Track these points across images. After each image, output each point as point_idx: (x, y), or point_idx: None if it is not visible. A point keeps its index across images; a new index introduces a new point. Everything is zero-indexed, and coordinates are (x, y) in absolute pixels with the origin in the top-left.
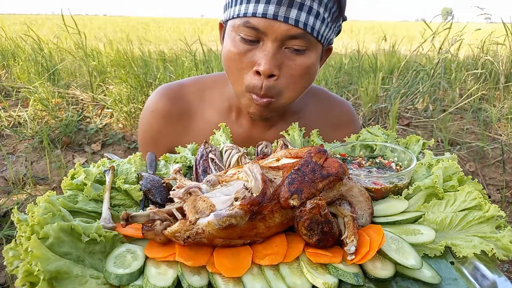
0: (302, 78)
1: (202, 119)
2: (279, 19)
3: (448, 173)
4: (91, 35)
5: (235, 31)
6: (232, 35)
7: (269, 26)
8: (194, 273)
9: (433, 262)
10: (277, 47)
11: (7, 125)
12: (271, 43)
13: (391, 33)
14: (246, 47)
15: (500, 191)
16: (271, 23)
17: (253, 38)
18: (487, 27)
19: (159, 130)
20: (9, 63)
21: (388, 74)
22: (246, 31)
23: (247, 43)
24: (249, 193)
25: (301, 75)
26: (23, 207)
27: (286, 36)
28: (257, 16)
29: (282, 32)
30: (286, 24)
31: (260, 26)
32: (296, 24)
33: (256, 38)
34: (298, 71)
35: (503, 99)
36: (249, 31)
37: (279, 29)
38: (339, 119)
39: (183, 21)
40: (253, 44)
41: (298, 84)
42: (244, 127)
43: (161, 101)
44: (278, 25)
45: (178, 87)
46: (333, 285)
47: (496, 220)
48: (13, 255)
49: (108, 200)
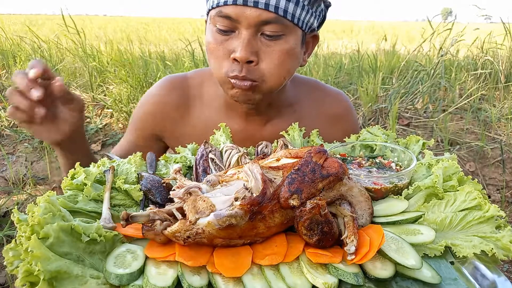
0: (284, 63)
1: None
2: (249, 4)
3: (448, 173)
4: (91, 35)
5: (212, 23)
6: (210, 27)
7: (240, 13)
8: (194, 273)
9: (433, 262)
10: (251, 34)
11: (7, 125)
12: (245, 30)
13: (391, 33)
14: (222, 37)
15: (500, 191)
16: (242, 9)
17: (228, 28)
18: (486, 27)
19: (152, 112)
20: (9, 63)
21: (388, 74)
22: (220, 21)
23: (223, 34)
24: (249, 193)
25: (282, 60)
26: (23, 207)
27: (259, 22)
28: (228, 4)
29: (253, 17)
30: (256, 9)
31: (232, 14)
32: (266, 7)
33: (231, 27)
34: (278, 56)
35: (503, 99)
36: (223, 20)
37: (251, 15)
38: (335, 110)
39: (183, 21)
40: (228, 34)
41: (280, 68)
42: (239, 123)
43: (162, 87)
44: (249, 11)
45: (182, 78)
46: (333, 285)
47: (496, 220)
48: (13, 255)
49: (108, 200)
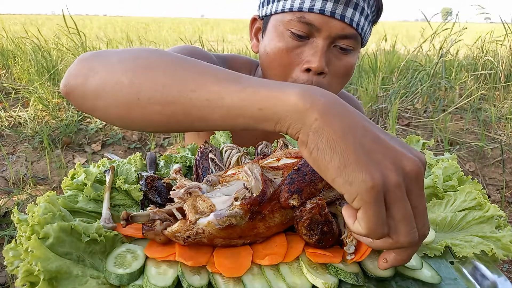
0: (344, 78)
1: None
2: (336, 16)
3: (448, 173)
4: (91, 35)
5: (284, 26)
6: (279, 30)
7: (324, 23)
8: (194, 273)
9: (433, 262)
10: (327, 45)
11: (7, 125)
12: (322, 40)
13: (391, 33)
14: (295, 43)
15: (500, 191)
16: (327, 20)
17: (305, 34)
18: (486, 27)
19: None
20: (9, 63)
21: (388, 74)
22: (298, 26)
23: (297, 39)
24: (249, 193)
25: (344, 74)
26: (23, 207)
27: (339, 35)
28: (314, 11)
29: (337, 30)
30: (342, 22)
31: (315, 22)
32: (351, 23)
33: (307, 34)
34: (342, 71)
35: (503, 99)
36: (302, 26)
37: (335, 27)
38: None
39: (183, 21)
40: (302, 40)
41: (339, 83)
42: None
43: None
44: (334, 23)
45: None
46: (333, 285)
47: (496, 220)
48: (13, 255)
49: (108, 200)
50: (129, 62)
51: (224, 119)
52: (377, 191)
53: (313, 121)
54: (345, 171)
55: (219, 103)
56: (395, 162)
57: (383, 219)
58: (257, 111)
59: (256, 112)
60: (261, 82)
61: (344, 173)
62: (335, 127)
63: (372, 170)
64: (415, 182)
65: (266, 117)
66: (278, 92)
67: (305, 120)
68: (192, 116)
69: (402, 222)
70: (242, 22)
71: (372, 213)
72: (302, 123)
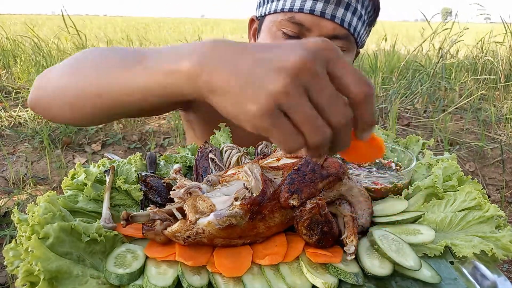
0: None
1: None
2: (326, 16)
3: (447, 173)
4: (91, 35)
5: (277, 26)
6: (272, 30)
7: (315, 23)
8: (194, 273)
9: (433, 262)
10: None
11: (7, 125)
12: None
13: (391, 33)
14: None
15: (500, 191)
16: (317, 20)
17: (296, 34)
18: (486, 27)
19: None
20: (9, 63)
21: (388, 74)
22: (290, 26)
23: (288, 39)
24: (249, 193)
25: None
26: (24, 207)
27: (330, 35)
28: (304, 12)
29: (327, 30)
30: (332, 22)
31: (306, 22)
32: (341, 23)
33: (298, 34)
34: None
35: (503, 99)
36: (293, 26)
37: (325, 27)
38: None
39: (183, 21)
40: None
41: None
42: None
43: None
44: (324, 23)
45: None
46: (333, 284)
47: (496, 220)
48: (14, 255)
49: (108, 200)
50: (65, 67)
51: (145, 100)
52: (268, 114)
53: (204, 82)
54: (241, 108)
55: (131, 88)
56: (273, 66)
57: (290, 133)
58: (163, 90)
59: (162, 90)
60: (163, 57)
61: (241, 112)
62: (222, 76)
63: (257, 94)
64: (310, 67)
65: (175, 93)
66: (175, 65)
67: (200, 85)
68: (119, 104)
69: (304, 125)
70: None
71: (276, 134)
72: (199, 87)
